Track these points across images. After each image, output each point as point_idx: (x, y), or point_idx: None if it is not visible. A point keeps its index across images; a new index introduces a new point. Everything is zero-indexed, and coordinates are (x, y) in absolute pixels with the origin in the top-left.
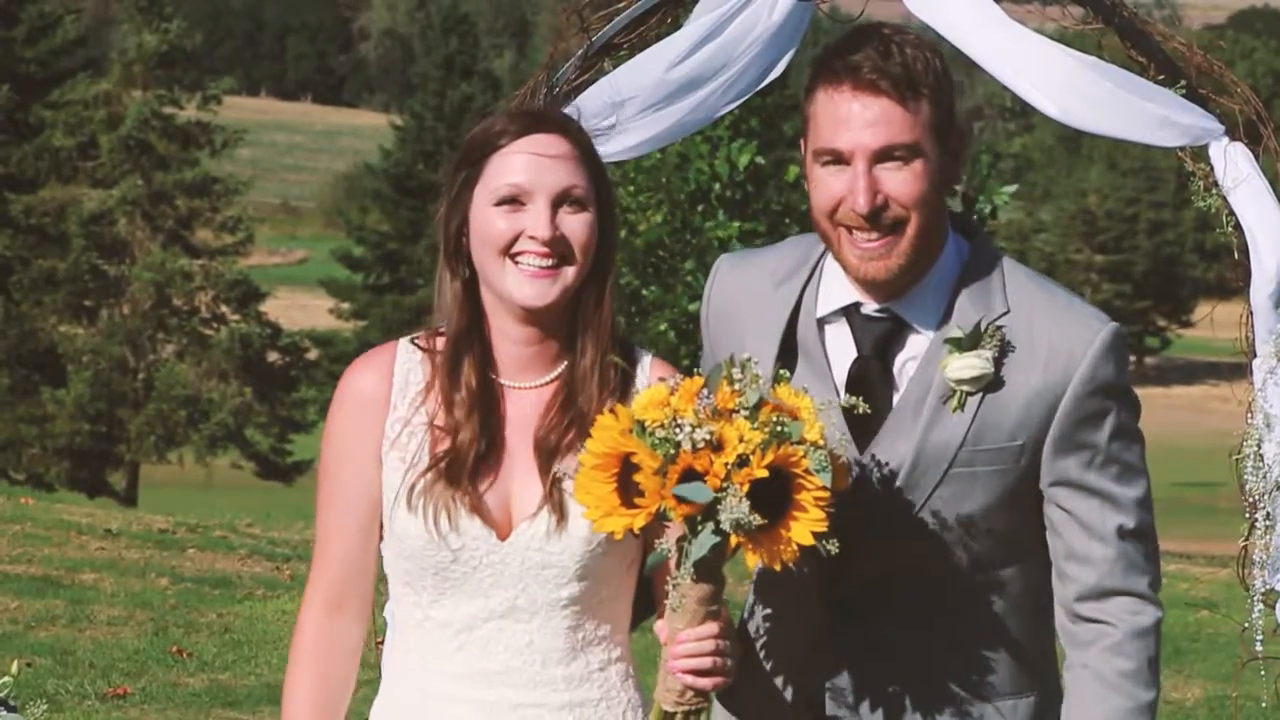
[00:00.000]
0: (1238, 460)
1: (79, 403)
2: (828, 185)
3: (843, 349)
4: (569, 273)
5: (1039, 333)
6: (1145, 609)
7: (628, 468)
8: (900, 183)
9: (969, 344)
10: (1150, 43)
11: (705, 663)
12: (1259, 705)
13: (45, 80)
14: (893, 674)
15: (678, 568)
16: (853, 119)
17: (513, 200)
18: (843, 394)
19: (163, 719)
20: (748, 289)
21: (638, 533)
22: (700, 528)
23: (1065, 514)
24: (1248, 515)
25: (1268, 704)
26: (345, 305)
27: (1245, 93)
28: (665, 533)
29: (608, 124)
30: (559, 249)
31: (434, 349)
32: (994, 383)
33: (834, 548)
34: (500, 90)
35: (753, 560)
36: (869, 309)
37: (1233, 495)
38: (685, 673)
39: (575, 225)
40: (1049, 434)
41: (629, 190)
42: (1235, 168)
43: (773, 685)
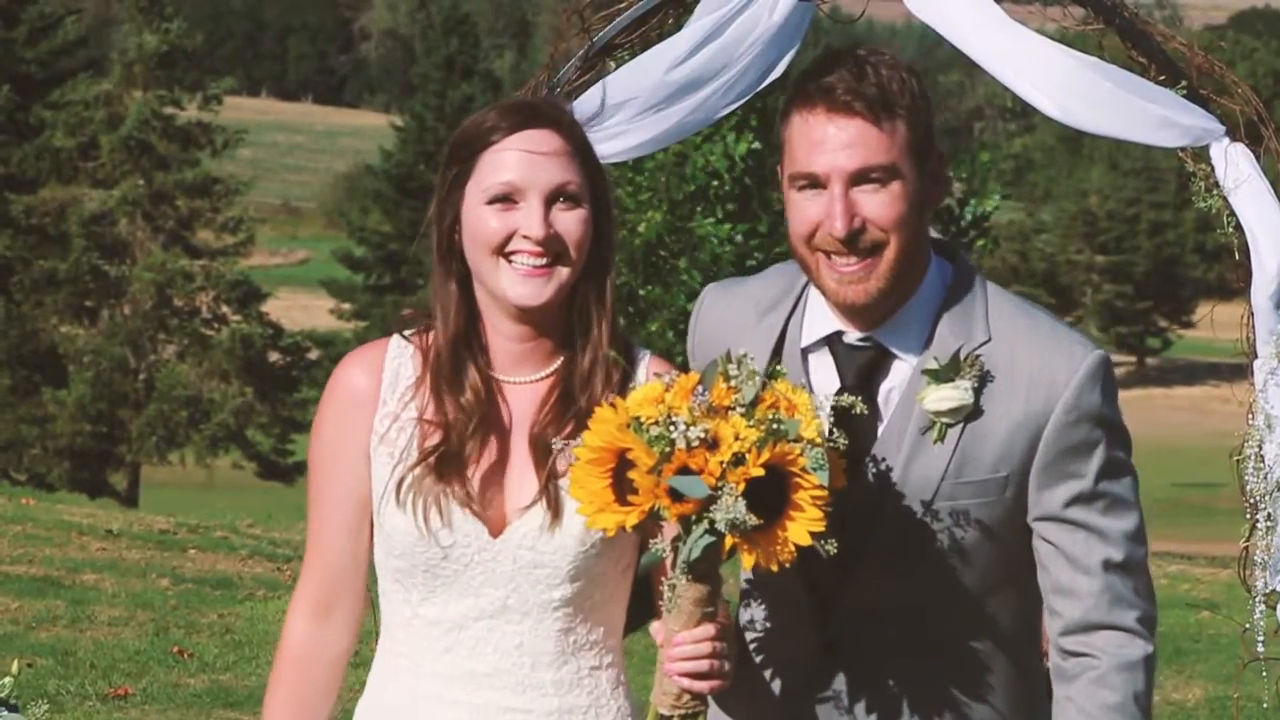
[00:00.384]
0: (1238, 461)
1: (80, 403)
2: (804, 210)
3: (827, 379)
4: (563, 271)
5: (1020, 361)
6: (1133, 642)
7: (624, 464)
8: (878, 205)
9: (946, 374)
10: (1151, 43)
11: (702, 665)
12: (1260, 706)
13: (46, 80)
14: (884, 711)
15: (673, 568)
16: (828, 141)
17: (505, 199)
18: (827, 427)
19: (164, 719)
20: (732, 319)
21: (630, 530)
22: (695, 527)
23: (1052, 548)
24: (1249, 516)
25: (1268, 705)
26: (346, 306)
27: (1246, 93)
28: (661, 533)
29: (596, 127)
30: (553, 247)
31: (426, 344)
32: (974, 413)
33: (832, 549)
34: (501, 91)
35: (749, 560)
36: (851, 337)
37: (1234, 496)
38: (682, 675)
39: (569, 222)
40: (1033, 465)
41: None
42: (1236, 168)
43: (765, 713)
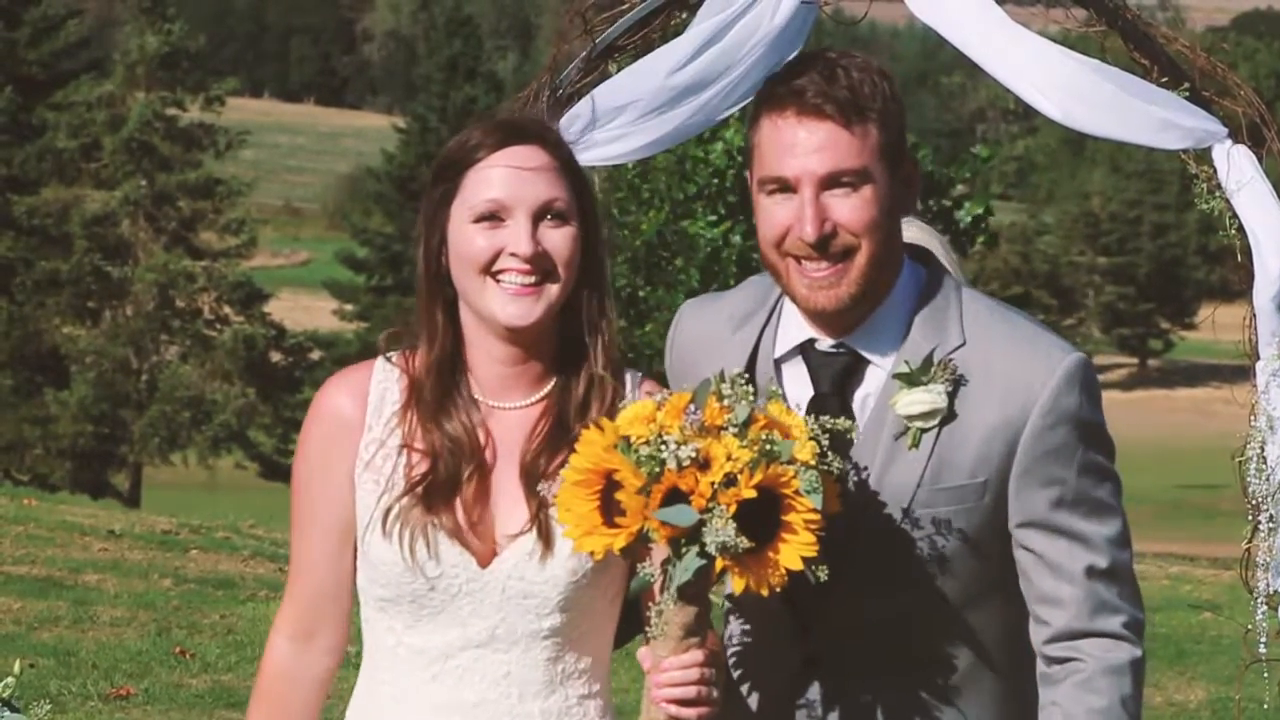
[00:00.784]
0: (1240, 462)
1: (82, 404)
2: (774, 215)
3: (801, 389)
4: (552, 289)
5: (996, 365)
6: (1120, 646)
7: (611, 485)
8: (849, 209)
9: (918, 378)
10: (1153, 45)
11: (690, 692)
12: (1261, 707)
13: (48, 82)
14: None
15: (662, 592)
16: (798, 145)
17: (492, 217)
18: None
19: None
20: (707, 334)
21: (618, 553)
22: (684, 550)
23: (1034, 557)
24: (1250, 517)
25: (1270, 706)
26: (348, 307)
27: (1249, 95)
28: (649, 555)
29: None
30: (541, 265)
31: (411, 367)
32: (949, 418)
33: (823, 574)
34: (503, 92)
35: (739, 584)
36: (824, 345)
37: (1236, 497)
38: (668, 702)
39: (558, 240)
40: (1012, 470)
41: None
42: (1239, 170)
43: None
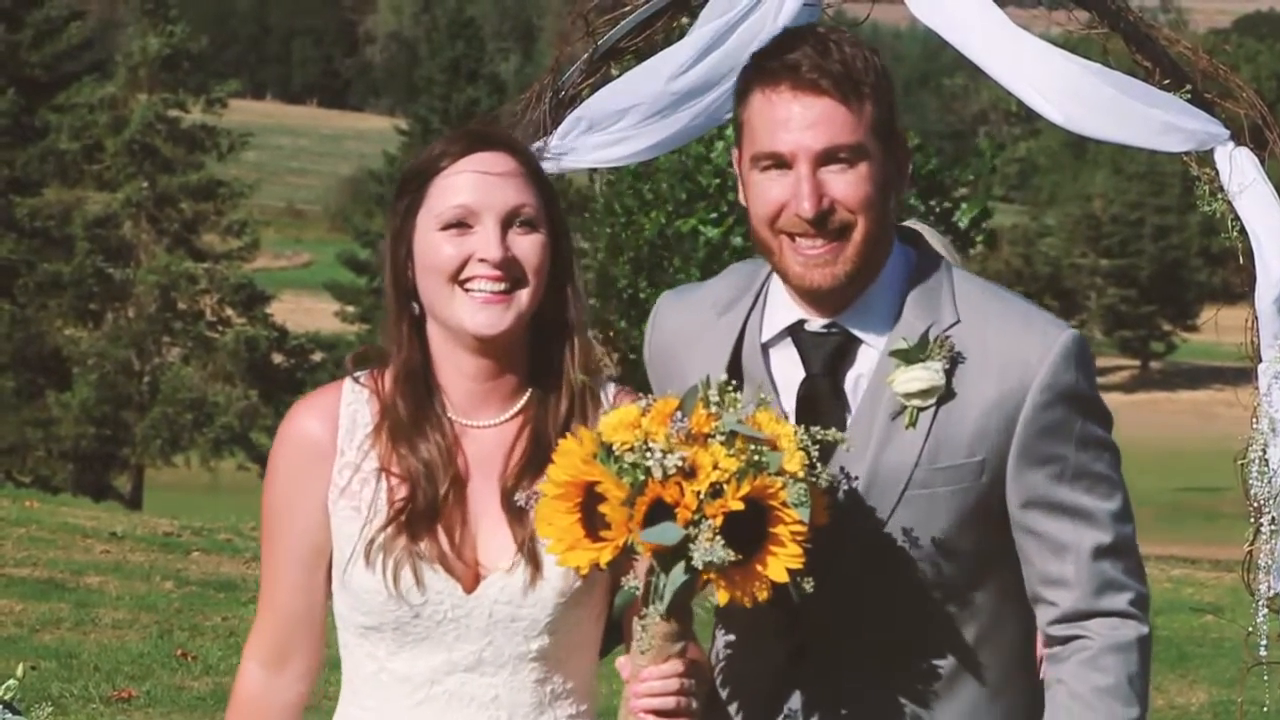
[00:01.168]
0: (1242, 465)
1: (84, 406)
2: (767, 191)
3: (790, 372)
4: (522, 297)
5: (992, 343)
6: (1126, 624)
7: (592, 497)
8: (846, 185)
9: (916, 354)
10: (1155, 47)
11: (669, 703)
12: (1262, 710)
13: (50, 83)
14: (854, 716)
15: (646, 604)
16: (793, 120)
17: (459, 224)
18: (792, 418)
19: None
20: (689, 322)
21: (604, 567)
22: (671, 563)
23: (1036, 539)
24: (1252, 520)
25: (1270, 708)
26: (350, 308)
27: (1251, 97)
28: (634, 568)
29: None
30: (511, 272)
31: (381, 388)
32: (946, 396)
33: (809, 588)
34: (505, 94)
35: (724, 596)
36: (815, 325)
37: (1237, 500)
38: (647, 713)
39: (526, 246)
40: (1011, 448)
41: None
42: (1241, 172)
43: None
